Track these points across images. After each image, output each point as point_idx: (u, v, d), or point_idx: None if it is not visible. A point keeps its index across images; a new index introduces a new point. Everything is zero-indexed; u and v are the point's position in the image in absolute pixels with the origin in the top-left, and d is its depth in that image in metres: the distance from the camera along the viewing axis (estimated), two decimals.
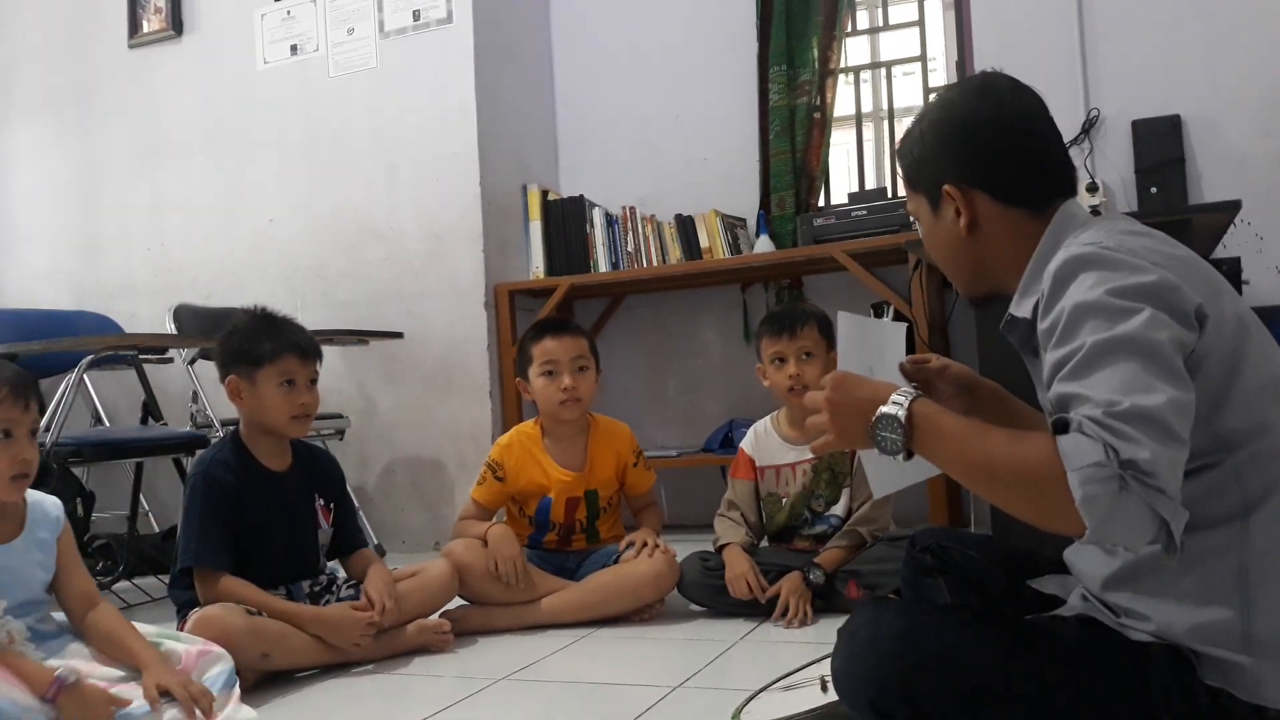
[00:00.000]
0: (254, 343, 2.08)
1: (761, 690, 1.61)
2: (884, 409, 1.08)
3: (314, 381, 2.14)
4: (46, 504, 1.68)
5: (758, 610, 2.23)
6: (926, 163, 1.28)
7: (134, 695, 1.54)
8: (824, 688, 1.56)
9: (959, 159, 1.25)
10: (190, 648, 1.69)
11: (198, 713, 1.53)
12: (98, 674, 1.58)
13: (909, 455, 1.08)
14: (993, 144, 1.24)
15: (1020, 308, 1.22)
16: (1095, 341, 0.99)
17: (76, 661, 1.59)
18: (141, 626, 1.70)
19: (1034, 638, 1.16)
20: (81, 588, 1.68)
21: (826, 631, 1.38)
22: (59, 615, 1.69)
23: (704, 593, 2.33)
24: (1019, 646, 1.13)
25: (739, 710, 1.54)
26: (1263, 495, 1.03)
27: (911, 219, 1.30)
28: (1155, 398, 0.95)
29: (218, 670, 1.67)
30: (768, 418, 2.52)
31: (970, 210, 1.24)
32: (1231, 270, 2.69)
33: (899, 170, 1.34)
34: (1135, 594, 1.11)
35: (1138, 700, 1.08)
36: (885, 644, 1.13)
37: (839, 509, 2.37)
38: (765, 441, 2.47)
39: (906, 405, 1.08)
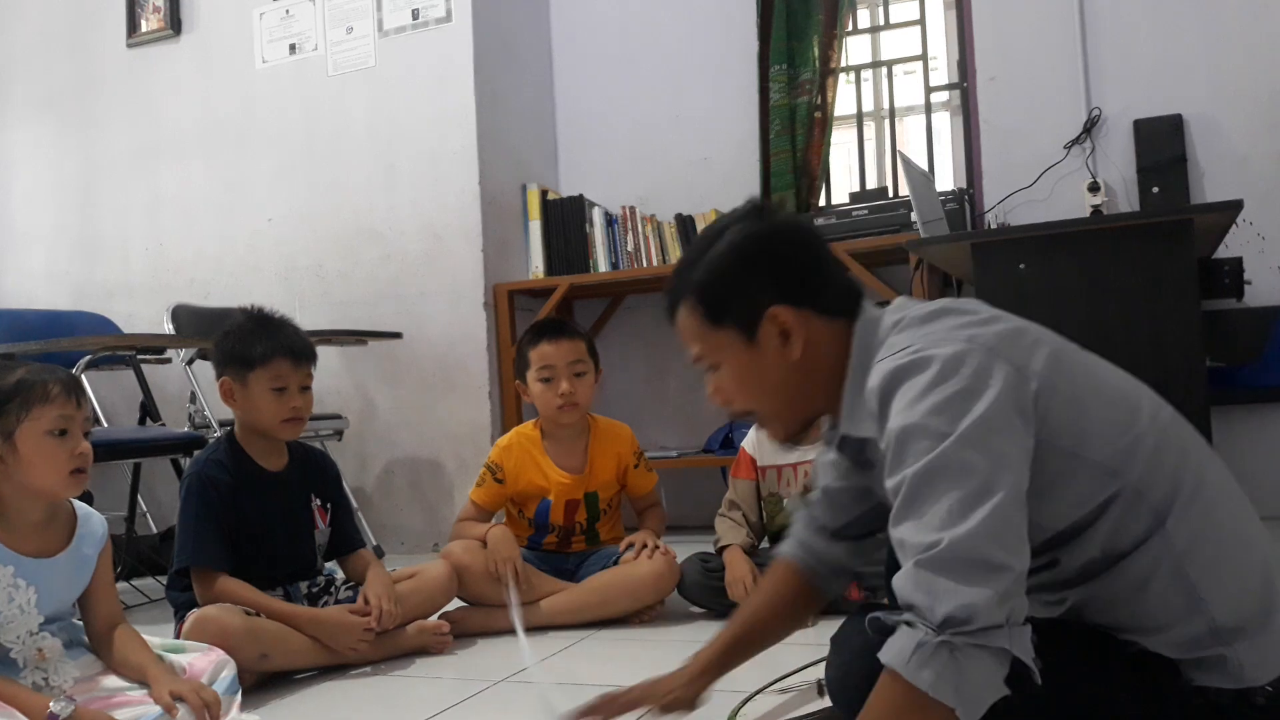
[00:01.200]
0: (247, 345, 2.07)
1: (758, 692, 1.60)
2: None
3: (307, 386, 2.12)
4: (94, 520, 1.68)
5: None
6: (737, 290, 1.17)
7: (147, 701, 1.53)
8: (820, 691, 1.56)
9: (777, 278, 1.16)
10: (191, 659, 1.69)
11: (206, 716, 1.52)
12: (111, 683, 1.58)
13: None
14: (803, 257, 1.19)
15: (858, 426, 1.16)
16: (913, 474, 0.99)
17: (92, 671, 1.59)
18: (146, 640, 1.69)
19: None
20: (108, 608, 1.67)
21: (826, 633, 1.38)
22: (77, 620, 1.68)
23: (704, 594, 2.32)
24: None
25: (735, 712, 1.54)
26: (1169, 496, 1.04)
27: (706, 366, 1.22)
28: (968, 524, 0.95)
29: (220, 677, 1.66)
30: None
31: (803, 330, 1.16)
32: (1233, 270, 2.68)
33: (679, 311, 1.21)
34: (1113, 627, 1.11)
35: (1135, 699, 1.08)
36: (877, 650, 1.12)
37: None
38: (767, 441, 2.46)
39: None
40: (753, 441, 2.48)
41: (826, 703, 1.44)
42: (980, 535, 0.95)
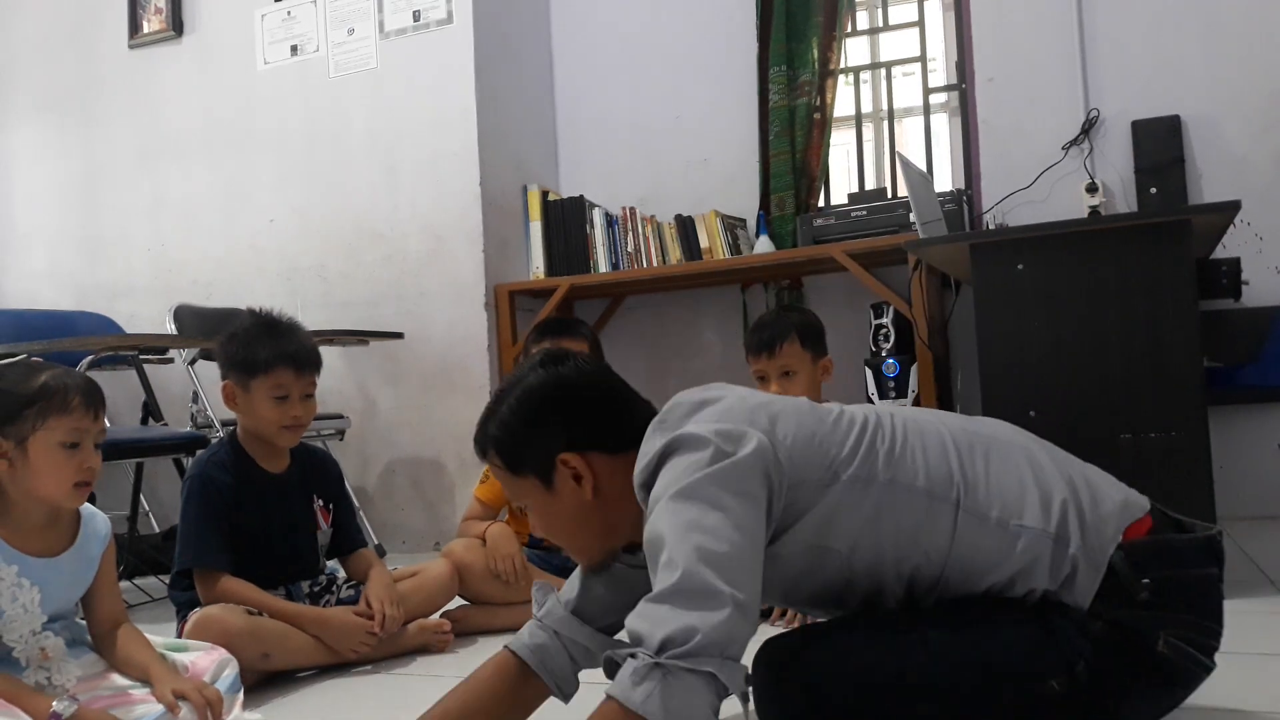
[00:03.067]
0: (251, 351, 2.06)
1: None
2: None
3: (309, 395, 2.11)
4: (98, 520, 1.68)
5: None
6: (528, 443, 1.26)
7: (150, 700, 1.54)
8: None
9: (564, 427, 1.25)
10: (193, 658, 1.69)
11: (209, 715, 1.53)
12: (114, 682, 1.59)
13: None
14: (586, 404, 1.28)
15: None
16: (650, 532, 1.11)
17: (94, 670, 1.60)
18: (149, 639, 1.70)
19: (917, 629, 1.19)
20: (111, 607, 1.67)
21: None
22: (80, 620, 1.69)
23: None
24: (917, 631, 1.17)
25: None
26: (877, 468, 1.19)
27: (518, 505, 1.37)
28: (691, 560, 1.03)
29: (223, 676, 1.67)
30: None
31: (591, 471, 1.24)
32: (1231, 271, 2.69)
33: (489, 459, 1.30)
34: (967, 592, 1.19)
35: (1042, 658, 1.13)
36: (785, 669, 1.19)
37: None
38: None
39: None
40: None
41: None
42: (702, 566, 1.03)
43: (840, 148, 4.05)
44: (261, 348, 2.06)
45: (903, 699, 1.14)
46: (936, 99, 3.82)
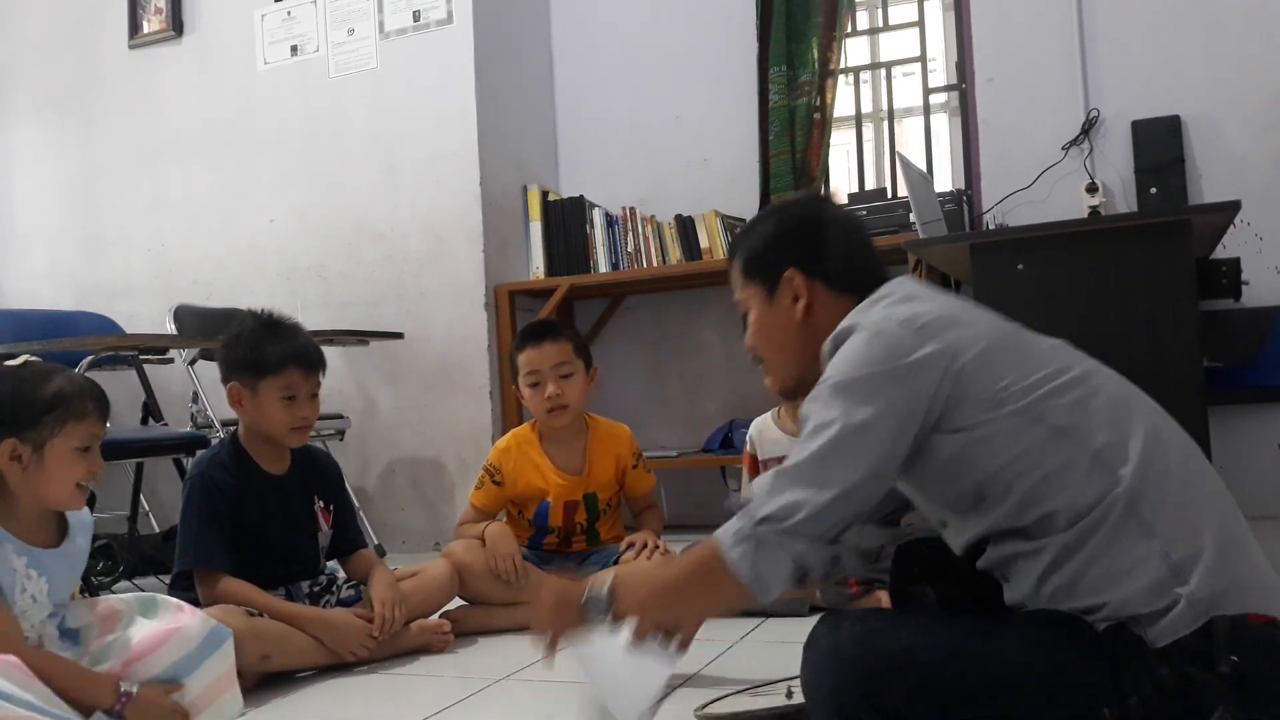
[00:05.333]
0: (259, 352, 2.06)
1: (727, 695, 1.62)
2: (591, 591, 1.28)
3: (315, 394, 2.12)
4: (80, 511, 1.69)
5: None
6: (768, 253, 1.41)
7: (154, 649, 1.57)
8: (788, 695, 1.58)
9: (801, 249, 1.38)
10: (160, 626, 1.62)
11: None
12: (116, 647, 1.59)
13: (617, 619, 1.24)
14: (829, 238, 1.40)
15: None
16: (814, 426, 1.18)
17: (80, 661, 1.60)
18: (127, 596, 1.69)
19: (996, 633, 1.17)
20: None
21: (793, 644, 1.38)
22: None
23: None
24: (980, 642, 1.15)
25: (704, 706, 1.56)
26: (1109, 443, 1.14)
27: (742, 312, 1.46)
28: (817, 444, 1.16)
29: (219, 655, 1.63)
30: (769, 413, 2.53)
31: (810, 295, 1.36)
32: (1231, 271, 2.68)
33: (733, 264, 1.46)
34: (1078, 595, 1.14)
35: (1105, 684, 1.10)
36: (845, 650, 1.17)
37: None
38: (764, 435, 2.48)
39: (609, 581, 1.28)
40: (753, 436, 2.50)
41: (791, 703, 1.50)
42: (829, 452, 1.15)
43: (840, 148, 4.05)
44: (270, 348, 2.06)
45: (958, 702, 1.13)
46: (936, 99, 3.82)
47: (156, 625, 1.62)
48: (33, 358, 1.63)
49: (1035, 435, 1.15)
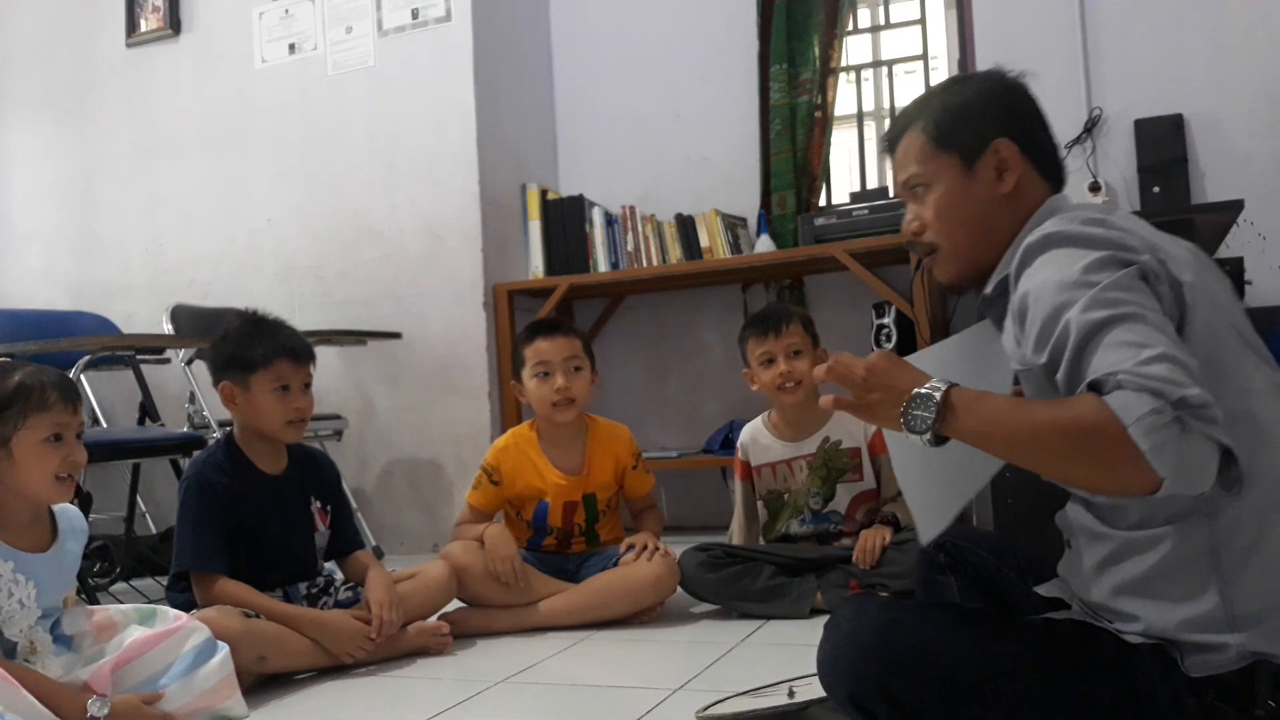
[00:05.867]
0: (246, 348, 2.06)
1: (726, 699, 1.61)
2: (920, 389, 1.08)
3: (308, 385, 2.12)
4: (71, 514, 1.68)
5: (759, 598, 2.22)
6: (970, 117, 1.24)
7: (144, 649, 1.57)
8: (790, 695, 1.57)
9: (1014, 119, 1.24)
10: (153, 631, 1.62)
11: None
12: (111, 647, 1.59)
13: (936, 440, 1.08)
14: (1037, 115, 1.27)
15: (991, 285, 1.25)
16: (1086, 320, 1.00)
17: (73, 668, 1.58)
18: (126, 607, 1.68)
19: (1018, 638, 1.16)
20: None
21: (803, 647, 1.37)
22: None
23: (704, 586, 2.31)
24: (1001, 646, 1.13)
25: (706, 708, 1.55)
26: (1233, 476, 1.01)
27: (914, 185, 1.28)
28: (1166, 345, 0.96)
29: (210, 668, 1.63)
30: (759, 417, 2.51)
31: (1019, 169, 1.23)
32: (1234, 270, 2.67)
33: (906, 135, 1.28)
34: (1121, 596, 1.11)
35: (1124, 701, 1.08)
36: (865, 636, 1.15)
37: (836, 507, 2.39)
38: (757, 441, 2.47)
39: (944, 388, 1.08)
40: (744, 443, 2.48)
41: (793, 703, 1.49)
42: (1180, 350, 0.97)
43: (841, 146, 4.04)
44: (257, 344, 2.07)
45: (970, 704, 1.11)
46: None
47: (150, 631, 1.62)
48: (3, 359, 1.63)
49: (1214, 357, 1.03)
